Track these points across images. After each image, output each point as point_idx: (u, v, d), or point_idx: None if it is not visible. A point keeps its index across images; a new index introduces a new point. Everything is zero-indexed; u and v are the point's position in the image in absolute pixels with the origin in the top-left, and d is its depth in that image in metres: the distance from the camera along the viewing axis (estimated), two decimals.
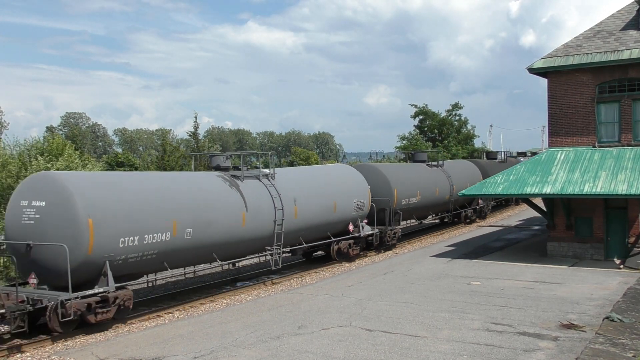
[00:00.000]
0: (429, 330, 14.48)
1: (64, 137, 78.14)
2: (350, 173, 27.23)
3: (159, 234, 17.10)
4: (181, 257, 18.34)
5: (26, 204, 15.77)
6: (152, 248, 16.93)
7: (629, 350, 12.69)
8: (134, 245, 16.41)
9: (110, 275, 15.83)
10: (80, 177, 16.90)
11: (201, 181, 19.96)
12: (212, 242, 19.01)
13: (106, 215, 15.78)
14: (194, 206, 18.43)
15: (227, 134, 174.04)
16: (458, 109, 67.08)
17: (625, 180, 21.86)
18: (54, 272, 15.29)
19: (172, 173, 21.81)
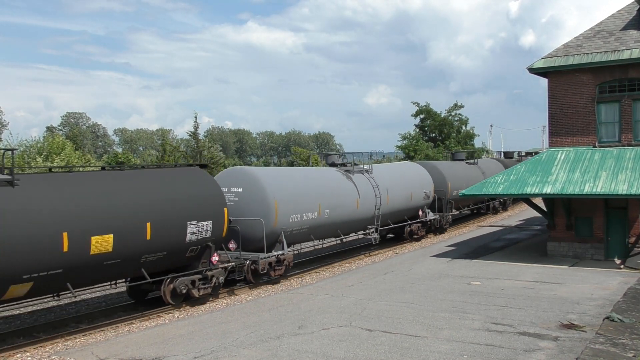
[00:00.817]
0: (429, 330, 14.48)
1: (64, 137, 78.21)
2: (419, 169, 32.17)
3: (309, 213, 22.80)
4: (321, 232, 23.97)
5: (226, 190, 20.44)
6: (306, 224, 22.67)
7: (629, 350, 12.68)
8: (297, 221, 22.10)
9: (284, 242, 21.47)
10: (265, 171, 23.49)
11: (330, 175, 25.83)
12: (340, 220, 24.81)
13: (283, 199, 21.20)
14: (329, 193, 24.19)
15: (227, 134, 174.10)
16: (458, 109, 67.13)
17: (626, 180, 21.86)
18: (251, 239, 20.46)
19: (313, 169, 26.31)
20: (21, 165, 36.40)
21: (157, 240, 16.46)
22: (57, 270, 14.10)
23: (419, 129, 66.74)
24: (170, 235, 16.88)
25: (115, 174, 17.32)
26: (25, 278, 13.58)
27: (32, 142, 46.10)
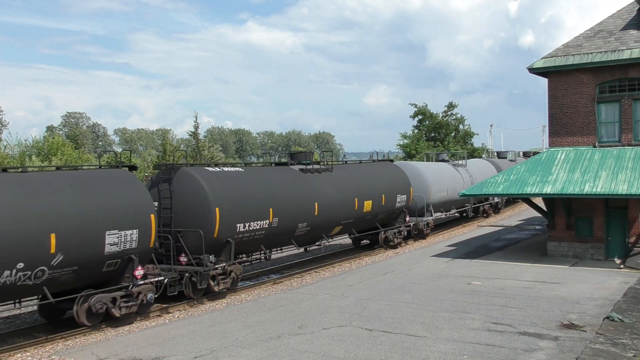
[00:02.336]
0: (430, 330, 14.48)
1: (64, 137, 78.15)
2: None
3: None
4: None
5: None
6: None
7: (629, 350, 12.67)
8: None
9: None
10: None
11: (440, 167, 35.82)
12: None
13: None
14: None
15: (228, 134, 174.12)
16: (453, 109, 67.12)
17: (626, 180, 21.85)
18: None
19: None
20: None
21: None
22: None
23: (418, 130, 66.74)
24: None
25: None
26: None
27: (32, 142, 46.16)
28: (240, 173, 21.03)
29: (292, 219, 21.88)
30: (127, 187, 16.45)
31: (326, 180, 24.36)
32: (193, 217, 18.41)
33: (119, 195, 16.00)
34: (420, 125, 66.51)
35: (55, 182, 14.86)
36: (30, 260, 13.56)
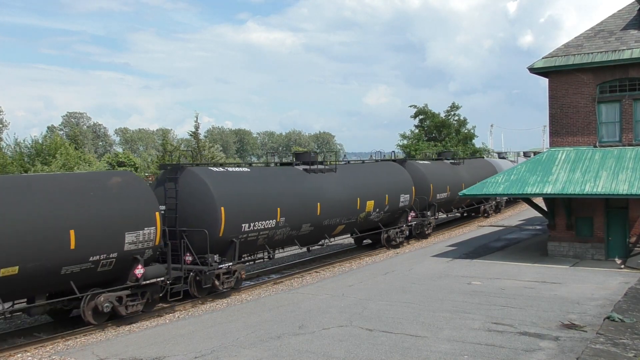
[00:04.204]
0: (430, 330, 14.48)
1: (64, 136, 78.17)
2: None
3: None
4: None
5: None
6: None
7: (630, 350, 12.67)
8: None
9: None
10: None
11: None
12: None
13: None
14: None
15: (228, 134, 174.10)
16: (456, 109, 67.10)
17: (626, 180, 21.85)
18: None
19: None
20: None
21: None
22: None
23: (419, 130, 66.69)
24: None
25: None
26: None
27: (32, 143, 46.12)
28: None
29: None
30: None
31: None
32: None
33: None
34: (421, 125, 66.48)
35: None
36: None
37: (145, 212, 16.64)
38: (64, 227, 14.63)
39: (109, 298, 15.82)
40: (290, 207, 21.62)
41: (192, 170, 19.28)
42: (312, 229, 23.14)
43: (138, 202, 16.64)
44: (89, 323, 15.75)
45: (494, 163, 46.12)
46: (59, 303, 15.60)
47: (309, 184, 23.33)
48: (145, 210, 16.66)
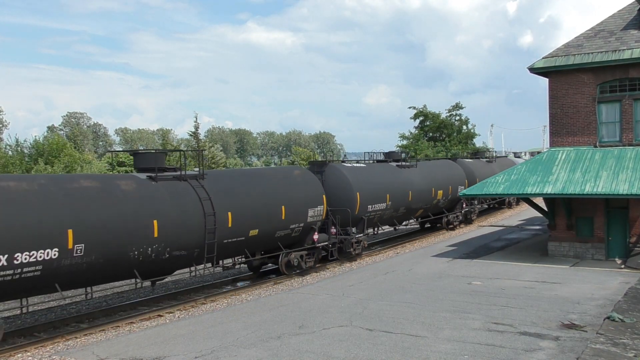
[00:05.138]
0: (430, 330, 14.48)
1: (65, 136, 78.18)
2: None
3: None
4: None
5: None
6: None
7: (630, 350, 12.67)
8: None
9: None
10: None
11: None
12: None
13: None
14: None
15: (228, 134, 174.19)
16: (459, 109, 67.08)
17: (627, 180, 21.85)
18: None
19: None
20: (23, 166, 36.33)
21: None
22: None
23: (419, 130, 66.70)
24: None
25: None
26: None
27: (32, 143, 46.11)
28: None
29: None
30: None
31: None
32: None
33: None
34: (422, 126, 66.49)
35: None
36: None
37: (317, 194, 23.46)
38: (279, 203, 21.34)
39: (297, 255, 22.44)
40: (394, 194, 28.27)
41: (334, 165, 25.98)
42: (405, 211, 30.00)
43: (312, 188, 23.45)
44: (283, 273, 22.31)
45: (516, 161, 50.62)
46: (265, 258, 22.35)
47: (402, 176, 29.97)
48: (317, 194, 23.50)
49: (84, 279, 15.81)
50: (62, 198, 15.20)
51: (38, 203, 14.63)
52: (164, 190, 17.77)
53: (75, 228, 14.93)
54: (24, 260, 13.96)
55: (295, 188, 22.46)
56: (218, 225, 18.61)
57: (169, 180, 18.34)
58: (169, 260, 17.58)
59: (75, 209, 15.23)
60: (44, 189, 15.09)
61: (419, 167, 32.41)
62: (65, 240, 14.69)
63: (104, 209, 15.87)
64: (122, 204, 16.38)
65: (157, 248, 16.94)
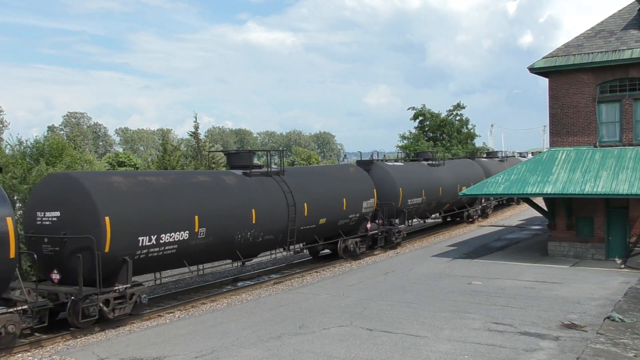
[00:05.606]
0: (430, 330, 14.48)
1: (65, 137, 78.15)
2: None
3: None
4: None
5: None
6: None
7: (630, 350, 12.68)
8: None
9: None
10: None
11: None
12: None
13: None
14: None
15: (228, 134, 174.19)
16: (460, 109, 67.02)
17: (627, 180, 21.84)
18: None
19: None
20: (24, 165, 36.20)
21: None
22: None
23: (419, 130, 66.67)
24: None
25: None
26: None
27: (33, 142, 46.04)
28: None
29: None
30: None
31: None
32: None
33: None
34: (422, 126, 66.46)
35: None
36: None
37: (369, 189, 26.75)
38: (341, 196, 24.54)
39: (352, 242, 25.66)
40: (428, 189, 31.41)
41: (378, 164, 29.47)
42: (435, 205, 33.47)
43: (365, 183, 26.73)
44: (340, 257, 25.34)
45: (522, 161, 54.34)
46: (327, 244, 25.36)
47: (433, 174, 33.32)
48: (369, 188, 26.77)
49: (202, 257, 19.04)
50: (189, 190, 18.47)
51: (173, 194, 17.87)
52: (257, 184, 21.19)
53: (200, 215, 18.17)
54: (167, 240, 17.16)
55: (352, 183, 25.96)
56: (297, 215, 21.94)
57: (259, 176, 21.75)
58: (260, 243, 21.00)
59: (198, 199, 18.47)
60: (176, 183, 18.42)
61: (446, 165, 36.00)
62: (193, 224, 17.97)
63: (217, 199, 19.21)
64: (229, 195, 19.76)
65: (254, 232, 20.38)
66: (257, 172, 21.87)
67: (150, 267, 17.46)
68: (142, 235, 16.40)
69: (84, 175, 16.70)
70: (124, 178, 17.25)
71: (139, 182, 17.35)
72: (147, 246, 16.59)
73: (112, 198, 16.07)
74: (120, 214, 15.97)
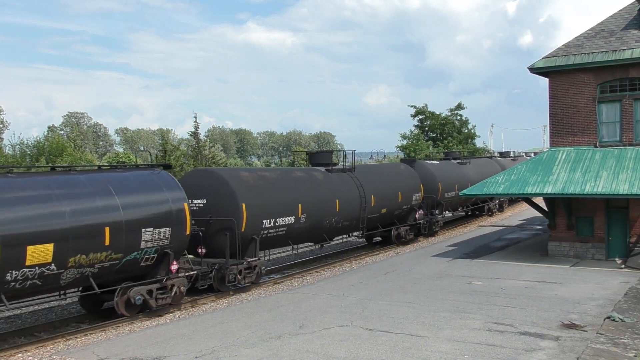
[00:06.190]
0: (430, 330, 14.48)
1: (65, 136, 78.17)
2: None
3: None
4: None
5: None
6: None
7: (630, 350, 12.68)
8: None
9: None
10: None
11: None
12: None
13: None
14: None
15: (228, 134, 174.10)
16: (460, 109, 67.00)
17: (627, 180, 21.84)
18: None
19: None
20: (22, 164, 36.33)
21: None
22: None
23: (419, 129, 66.64)
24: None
25: None
26: None
27: (33, 142, 46.11)
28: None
29: None
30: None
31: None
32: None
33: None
34: (422, 125, 66.42)
35: None
36: None
37: (417, 183, 30.94)
38: (397, 189, 28.88)
39: (404, 229, 29.66)
40: (460, 184, 34.41)
41: (420, 162, 34.03)
42: (465, 198, 35.70)
43: (414, 178, 30.91)
44: (393, 243, 29.47)
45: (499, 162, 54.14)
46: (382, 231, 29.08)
47: (462, 171, 37.44)
48: (417, 183, 30.96)
49: (301, 238, 23.30)
50: (292, 183, 22.71)
51: (282, 186, 22.05)
52: (338, 179, 25.38)
53: (302, 203, 22.30)
54: (280, 223, 21.21)
55: (404, 179, 30.13)
56: (366, 205, 26.11)
57: (337, 172, 26.01)
58: (340, 228, 25.19)
59: (299, 190, 22.66)
60: (282, 177, 22.78)
61: (472, 163, 40.47)
62: (297, 211, 22.11)
63: (313, 190, 23.38)
64: (320, 188, 23.90)
65: (337, 219, 24.50)
66: (336, 169, 26.08)
67: (267, 245, 21.36)
68: (265, 218, 20.46)
69: (223, 171, 21.14)
70: (248, 173, 21.70)
71: (258, 177, 21.51)
72: (268, 228, 20.70)
73: (245, 189, 20.06)
74: (251, 201, 19.92)
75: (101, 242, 14.88)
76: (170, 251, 16.85)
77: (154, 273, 16.85)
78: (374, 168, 31.05)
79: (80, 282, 15.30)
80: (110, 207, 15.33)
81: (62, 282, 14.60)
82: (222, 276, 19.03)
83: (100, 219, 14.98)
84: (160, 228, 16.46)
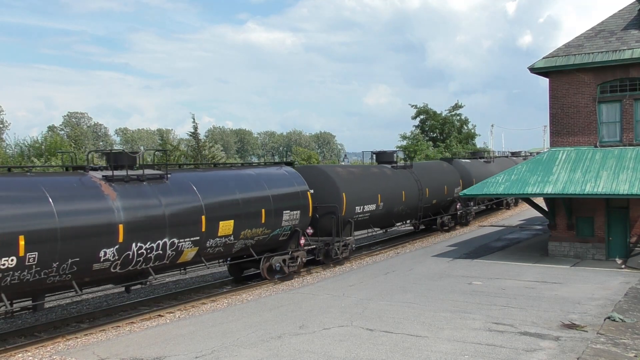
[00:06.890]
0: (431, 330, 14.48)
1: (65, 137, 78.19)
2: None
3: None
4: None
5: None
6: None
7: (630, 350, 12.68)
8: None
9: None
10: None
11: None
12: None
13: None
14: None
15: (229, 134, 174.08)
16: (459, 108, 67.03)
17: (627, 180, 21.84)
18: None
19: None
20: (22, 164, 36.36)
21: None
22: None
23: (420, 129, 66.63)
24: None
25: None
26: None
27: (31, 142, 46.10)
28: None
29: None
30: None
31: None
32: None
33: None
34: (423, 125, 66.41)
35: None
36: None
37: (456, 179, 35.43)
38: (443, 184, 33.58)
39: (447, 218, 34.32)
40: None
41: (457, 160, 39.23)
42: None
43: (454, 175, 35.40)
44: (437, 230, 34.12)
45: None
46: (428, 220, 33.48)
47: (488, 169, 41.06)
48: (456, 178, 35.45)
49: (378, 222, 27.88)
50: (371, 177, 27.51)
51: (366, 179, 26.89)
52: (401, 175, 30.14)
53: (381, 193, 27.15)
54: (366, 209, 26.14)
55: (447, 174, 34.77)
56: (423, 196, 30.88)
57: (400, 169, 30.77)
58: (404, 215, 30.19)
59: (378, 182, 27.51)
60: (364, 172, 27.72)
61: (495, 162, 45.55)
62: (377, 199, 26.93)
63: (387, 183, 28.22)
64: (390, 181, 28.73)
65: (403, 207, 29.33)
66: (399, 166, 30.90)
67: (357, 227, 25.91)
68: (357, 205, 25.21)
69: (325, 167, 27.12)
70: (342, 169, 27.02)
71: (349, 172, 26.46)
72: (358, 213, 25.46)
73: (343, 181, 24.87)
74: (348, 191, 24.68)
75: (259, 221, 20.00)
76: (299, 229, 22.09)
77: (285, 246, 21.83)
78: (425, 165, 35.81)
79: (243, 251, 20.11)
80: (265, 196, 20.56)
81: (234, 249, 19.57)
82: (327, 251, 23.74)
83: (258, 203, 20.11)
84: (294, 211, 21.58)
